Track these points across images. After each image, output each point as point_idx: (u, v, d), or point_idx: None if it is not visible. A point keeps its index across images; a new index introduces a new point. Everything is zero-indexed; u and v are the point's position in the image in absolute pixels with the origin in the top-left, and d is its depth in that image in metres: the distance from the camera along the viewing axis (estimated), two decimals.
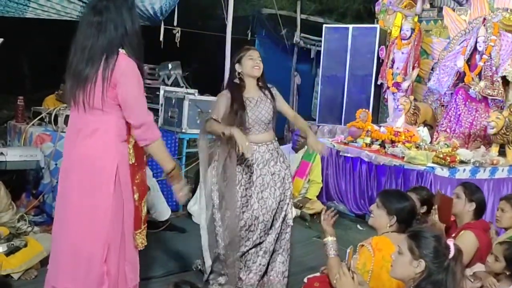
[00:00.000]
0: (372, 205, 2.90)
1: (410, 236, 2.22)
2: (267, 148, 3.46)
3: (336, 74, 7.82)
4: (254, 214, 3.38)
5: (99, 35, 2.33)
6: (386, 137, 5.83)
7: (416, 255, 2.14)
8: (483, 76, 6.18)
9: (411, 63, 6.98)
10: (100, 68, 2.32)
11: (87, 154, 2.41)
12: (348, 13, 10.90)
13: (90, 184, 2.41)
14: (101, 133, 2.41)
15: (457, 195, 3.38)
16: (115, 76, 2.32)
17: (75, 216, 2.43)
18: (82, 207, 2.42)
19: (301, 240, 4.59)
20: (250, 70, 3.39)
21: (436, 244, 2.14)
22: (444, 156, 5.03)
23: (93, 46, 2.33)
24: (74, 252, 2.44)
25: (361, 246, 2.66)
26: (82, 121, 2.44)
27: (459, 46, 6.74)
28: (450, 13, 7.18)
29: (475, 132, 6.19)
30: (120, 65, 2.32)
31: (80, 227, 2.42)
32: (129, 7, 2.41)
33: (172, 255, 4.01)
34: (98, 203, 2.42)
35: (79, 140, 2.43)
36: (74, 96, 2.39)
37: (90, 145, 2.41)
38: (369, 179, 5.63)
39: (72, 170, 2.46)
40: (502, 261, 2.84)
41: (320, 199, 5.96)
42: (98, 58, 2.32)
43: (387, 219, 2.75)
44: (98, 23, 2.33)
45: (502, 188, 5.31)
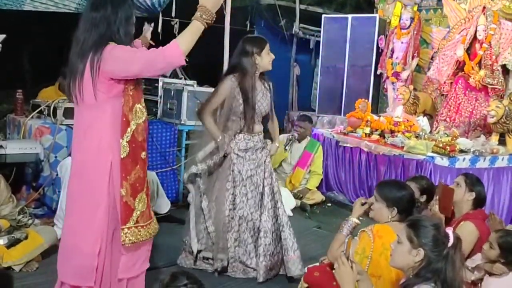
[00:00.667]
0: (370, 198, 2.88)
1: (408, 225, 2.22)
2: (259, 138, 3.63)
3: (335, 64, 7.82)
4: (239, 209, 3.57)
5: (92, 30, 2.35)
6: (385, 127, 5.84)
7: (415, 244, 2.14)
8: (483, 65, 6.17)
9: (410, 52, 6.96)
10: (88, 61, 2.33)
11: (82, 158, 2.46)
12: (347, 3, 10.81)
13: (87, 185, 2.45)
14: (96, 131, 2.42)
15: (457, 183, 3.39)
16: (103, 65, 2.31)
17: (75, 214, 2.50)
18: (81, 205, 2.47)
19: (301, 230, 4.59)
20: (268, 65, 3.51)
21: (435, 232, 2.14)
22: (444, 145, 5.03)
23: (86, 41, 2.35)
24: (72, 247, 2.48)
25: (362, 231, 2.66)
26: (79, 117, 2.48)
27: (459, 35, 6.72)
28: (449, 2, 7.14)
29: (475, 121, 6.18)
30: (105, 52, 2.32)
31: (77, 223, 2.48)
32: (125, 8, 2.42)
33: (172, 246, 4.01)
34: (94, 202, 2.44)
35: (77, 138, 2.51)
36: (70, 91, 2.43)
37: (86, 146, 2.44)
38: (368, 169, 5.64)
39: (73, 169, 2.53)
40: (496, 249, 2.85)
41: (320, 189, 5.97)
42: (88, 52, 2.33)
43: (387, 211, 2.75)
44: (93, 19, 2.36)
45: (502, 177, 5.32)
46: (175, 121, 5.27)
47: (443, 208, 3.25)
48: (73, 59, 2.38)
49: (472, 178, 3.43)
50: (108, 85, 2.37)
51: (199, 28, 2.41)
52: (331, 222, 5.21)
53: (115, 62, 2.32)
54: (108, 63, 2.31)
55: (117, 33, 2.38)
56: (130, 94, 2.43)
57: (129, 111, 2.44)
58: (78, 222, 2.46)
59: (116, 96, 2.41)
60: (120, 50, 2.35)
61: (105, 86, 2.37)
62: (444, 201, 3.25)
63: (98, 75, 2.32)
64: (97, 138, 2.42)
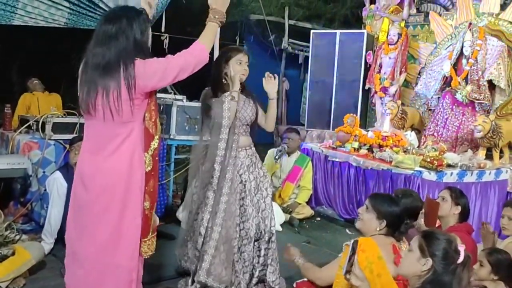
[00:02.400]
0: (361, 208, 2.90)
1: (422, 235, 2.26)
2: (246, 153, 3.40)
3: (324, 79, 7.88)
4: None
5: (111, 44, 2.37)
6: (374, 141, 5.88)
7: (425, 253, 2.17)
8: (469, 80, 6.24)
9: (398, 67, 7.04)
10: (121, 77, 2.33)
11: (115, 168, 2.42)
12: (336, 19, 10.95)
13: (118, 198, 2.42)
14: (127, 144, 2.42)
15: (443, 197, 3.43)
16: (139, 82, 2.35)
17: (102, 230, 2.43)
18: (111, 220, 2.43)
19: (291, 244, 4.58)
20: (236, 75, 3.27)
21: (447, 246, 2.17)
22: (432, 160, 5.06)
23: (106, 54, 2.36)
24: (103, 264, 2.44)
25: (346, 245, 2.67)
26: (105, 130, 2.43)
27: (446, 50, 6.81)
28: (436, 18, 7.27)
29: (462, 136, 6.24)
30: (137, 70, 2.35)
31: (108, 239, 2.43)
32: (140, 21, 2.46)
33: (161, 262, 3.99)
34: (128, 217, 2.44)
35: (105, 151, 2.42)
36: (91, 104, 2.38)
37: (117, 159, 2.42)
38: (357, 183, 5.66)
39: (94, 182, 2.44)
40: (487, 266, 2.89)
41: (309, 204, 5.97)
42: (115, 66, 2.34)
43: (376, 222, 2.78)
44: (110, 32, 2.39)
45: (489, 191, 5.36)
46: (164, 135, 5.27)
47: (428, 221, 3.27)
48: (95, 73, 2.36)
49: (456, 192, 3.48)
50: (141, 100, 2.41)
51: (215, 28, 2.66)
52: (320, 236, 5.21)
53: (153, 76, 2.37)
54: (145, 78, 2.36)
55: (136, 45, 2.41)
56: (152, 109, 2.49)
57: (153, 125, 2.50)
58: (110, 238, 2.43)
59: (144, 111, 2.47)
60: (153, 63, 2.40)
61: (139, 102, 2.40)
62: (429, 214, 3.28)
63: (135, 91, 2.35)
64: (129, 153, 2.42)
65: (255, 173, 3.42)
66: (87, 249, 2.44)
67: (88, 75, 2.39)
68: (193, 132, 5.40)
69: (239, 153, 3.34)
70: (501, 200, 5.45)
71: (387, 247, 2.68)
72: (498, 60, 6.15)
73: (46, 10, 5.75)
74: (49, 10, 5.77)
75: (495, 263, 2.88)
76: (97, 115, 2.39)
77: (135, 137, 2.43)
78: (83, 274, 2.46)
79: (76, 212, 2.52)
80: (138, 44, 2.42)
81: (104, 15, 2.53)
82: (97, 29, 2.44)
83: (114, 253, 2.43)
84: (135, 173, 2.45)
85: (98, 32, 2.42)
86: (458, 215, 3.39)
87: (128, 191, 2.44)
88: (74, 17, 5.96)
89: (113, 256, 2.43)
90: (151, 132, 2.49)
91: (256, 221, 3.38)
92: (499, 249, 3.11)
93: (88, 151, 2.49)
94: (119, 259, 2.44)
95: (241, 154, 3.35)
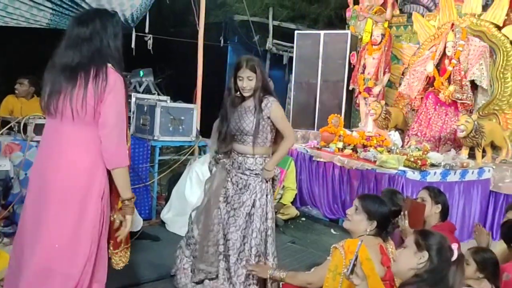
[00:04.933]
0: (350, 209, 2.89)
1: (418, 232, 2.32)
2: (244, 160, 3.42)
3: (308, 79, 7.89)
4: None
5: (83, 45, 2.33)
6: (358, 141, 5.91)
7: (422, 246, 2.22)
8: (452, 81, 6.30)
9: (382, 68, 7.07)
10: (90, 81, 2.29)
11: (78, 167, 2.35)
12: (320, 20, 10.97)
13: (77, 199, 2.34)
14: (93, 146, 2.36)
15: (422, 198, 3.45)
16: (106, 92, 2.31)
17: (54, 233, 2.32)
18: (65, 223, 2.33)
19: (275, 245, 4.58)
20: (241, 90, 3.34)
21: (442, 241, 2.23)
22: (415, 159, 5.10)
23: (77, 56, 2.32)
24: (48, 271, 2.32)
25: (334, 248, 2.67)
26: (68, 131, 2.36)
27: (429, 51, 6.87)
28: (419, 19, 7.33)
29: (445, 135, 6.30)
30: (110, 81, 2.31)
31: (58, 244, 2.32)
32: (113, 24, 2.43)
33: (146, 264, 3.97)
34: (83, 221, 2.34)
35: (67, 150, 2.35)
36: (54, 104, 2.33)
37: (82, 158, 2.35)
38: (342, 183, 5.67)
39: (55, 181, 2.35)
40: (472, 264, 2.92)
41: (294, 204, 5.98)
42: (86, 69, 2.31)
43: (367, 223, 2.78)
44: (83, 34, 2.35)
45: (472, 190, 5.41)
46: (148, 136, 5.24)
47: (414, 223, 3.27)
48: (63, 75, 2.32)
49: (434, 191, 3.51)
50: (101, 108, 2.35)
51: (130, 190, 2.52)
52: (305, 237, 5.22)
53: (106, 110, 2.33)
54: (104, 103, 2.31)
55: (109, 47, 2.38)
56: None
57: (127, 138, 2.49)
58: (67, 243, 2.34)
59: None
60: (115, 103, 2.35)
61: (99, 109, 2.34)
62: (415, 216, 3.28)
63: (99, 99, 2.31)
64: (95, 154, 2.36)
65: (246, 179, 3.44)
66: (37, 255, 2.32)
67: (53, 75, 2.35)
68: (177, 133, 5.38)
69: (238, 157, 3.43)
70: (484, 198, 5.51)
71: (375, 248, 2.69)
72: (480, 60, 6.22)
73: (28, 11, 5.70)
74: (31, 11, 5.73)
75: (481, 261, 2.92)
76: (58, 115, 2.35)
77: (98, 141, 2.36)
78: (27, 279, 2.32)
79: (29, 216, 2.41)
80: (110, 48, 2.39)
81: (77, 17, 2.48)
82: (69, 30, 2.40)
83: (66, 262, 2.32)
84: (96, 178, 2.38)
85: (70, 34, 2.38)
86: (439, 214, 3.42)
87: (88, 195, 2.35)
88: (56, 18, 5.92)
89: (65, 264, 2.33)
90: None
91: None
92: (484, 248, 3.16)
93: (45, 151, 2.43)
94: (69, 268, 2.33)
95: (239, 159, 3.43)
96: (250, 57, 3.41)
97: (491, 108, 6.41)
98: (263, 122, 3.33)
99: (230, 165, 3.48)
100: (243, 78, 3.30)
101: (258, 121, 3.32)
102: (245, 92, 3.33)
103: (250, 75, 3.29)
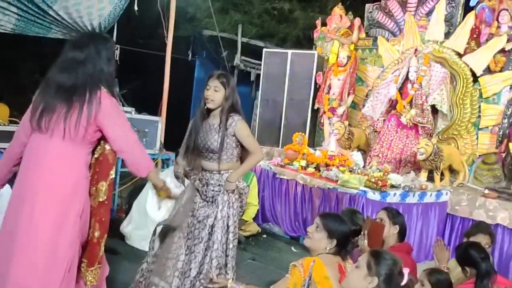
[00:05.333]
0: (310, 227, 2.91)
1: (371, 253, 2.31)
2: (211, 177, 3.42)
3: (274, 97, 7.96)
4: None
5: (78, 69, 2.45)
6: (321, 160, 5.97)
7: (372, 271, 2.22)
8: (414, 104, 6.44)
9: (346, 89, 7.19)
10: (85, 103, 2.41)
11: (64, 180, 2.44)
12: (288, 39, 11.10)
13: (57, 211, 2.40)
14: (78, 163, 2.48)
15: (381, 219, 3.52)
16: (100, 117, 2.44)
17: (30, 252, 2.35)
18: (42, 241, 2.37)
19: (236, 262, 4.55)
20: (206, 101, 3.33)
21: (393, 267, 2.23)
22: (376, 180, 5.17)
23: (72, 79, 2.43)
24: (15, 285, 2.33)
25: (293, 266, 2.69)
26: (57, 147, 2.44)
27: (392, 74, 7.02)
28: (384, 43, 7.50)
29: (406, 158, 6.41)
30: (104, 106, 2.44)
31: (34, 264, 2.35)
32: (107, 49, 2.54)
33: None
34: (61, 241, 2.40)
35: (53, 164, 2.43)
36: (46, 122, 2.42)
37: (68, 173, 2.45)
38: (304, 201, 5.70)
39: (36, 200, 2.39)
40: (427, 285, 2.97)
41: (256, 220, 5.98)
42: (80, 90, 2.42)
43: (327, 241, 2.79)
44: (79, 58, 2.47)
45: (430, 212, 5.51)
46: None
47: (372, 243, 3.32)
48: (56, 96, 2.42)
49: (392, 212, 3.58)
50: (95, 129, 2.48)
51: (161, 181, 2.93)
52: (266, 254, 5.23)
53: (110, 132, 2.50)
54: (104, 127, 2.47)
55: (102, 72, 2.48)
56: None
57: (113, 154, 2.60)
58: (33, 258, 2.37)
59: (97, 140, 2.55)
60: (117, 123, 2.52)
61: (93, 130, 2.47)
62: (374, 237, 3.32)
63: (92, 122, 2.44)
64: (77, 173, 2.49)
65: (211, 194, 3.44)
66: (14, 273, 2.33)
67: (47, 94, 2.43)
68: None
69: (204, 175, 3.44)
70: (441, 221, 5.63)
71: (333, 266, 2.71)
72: (441, 86, 6.39)
73: None
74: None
75: (435, 283, 2.98)
76: (48, 132, 2.42)
77: (83, 163, 2.49)
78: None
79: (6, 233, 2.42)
80: (104, 72, 2.49)
81: (72, 41, 2.58)
82: (64, 54, 2.50)
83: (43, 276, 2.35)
84: (77, 194, 2.45)
85: (65, 56, 2.49)
86: (397, 235, 3.49)
87: (68, 211, 2.41)
88: (22, 24, 5.81)
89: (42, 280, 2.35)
90: (110, 162, 2.57)
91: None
92: (439, 270, 3.22)
93: (31, 163, 2.47)
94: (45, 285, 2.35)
95: (205, 176, 3.44)
96: (225, 73, 3.46)
97: (450, 132, 6.57)
98: (228, 139, 3.34)
99: (198, 181, 3.47)
100: (210, 88, 3.32)
101: (222, 139, 3.32)
102: (209, 103, 3.31)
103: (217, 86, 3.31)
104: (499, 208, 5.21)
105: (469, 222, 5.42)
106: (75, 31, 6.39)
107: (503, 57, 6.28)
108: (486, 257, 3.17)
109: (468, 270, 3.21)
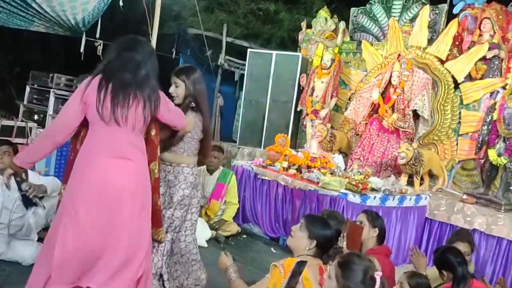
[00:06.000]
0: (295, 226, 2.95)
1: (339, 264, 2.30)
2: (172, 170, 3.45)
3: (258, 98, 7.96)
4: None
5: (137, 69, 2.79)
6: (302, 162, 5.98)
7: (341, 285, 2.22)
8: (395, 109, 6.49)
9: (329, 92, 7.22)
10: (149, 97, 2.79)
11: (140, 169, 2.84)
12: (273, 40, 11.13)
13: (139, 200, 2.80)
14: (144, 152, 2.88)
15: (361, 221, 3.54)
16: (160, 109, 2.87)
17: (132, 231, 2.75)
18: (137, 221, 2.79)
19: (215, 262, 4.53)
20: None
21: (363, 277, 2.22)
22: (357, 183, 5.20)
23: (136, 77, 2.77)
24: (124, 262, 2.72)
25: (274, 266, 2.69)
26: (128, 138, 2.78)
27: (375, 79, 7.07)
28: (368, 47, 7.55)
29: (387, 161, 6.46)
30: (162, 98, 2.90)
31: (134, 242, 2.76)
32: (153, 51, 2.96)
33: None
34: (146, 216, 2.88)
35: (129, 153, 2.78)
36: (120, 115, 2.71)
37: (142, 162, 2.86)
38: (284, 202, 5.72)
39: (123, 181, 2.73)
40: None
41: (236, 220, 5.97)
42: (144, 87, 2.78)
43: (307, 241, 2.82)
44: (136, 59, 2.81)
45: (409, 216, 5.56)
46: None
47: (351, 245, 3.34)
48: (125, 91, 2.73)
49: (372, 215, 3.60)
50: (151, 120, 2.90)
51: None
52: (246, 254, 5.22)
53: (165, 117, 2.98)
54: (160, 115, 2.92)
55: (155, 71, 2.89)
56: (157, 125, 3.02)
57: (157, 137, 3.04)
58: (139, 237, 2.80)
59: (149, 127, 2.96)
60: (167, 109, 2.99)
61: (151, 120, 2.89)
62: (353, 239, 3.34)
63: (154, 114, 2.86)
64: (145, 161, 2.89)
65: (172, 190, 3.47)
66: (122, 251, 2.71)
67: (114, 89, 2.71)
68: None
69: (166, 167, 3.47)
70: (419, 225, 5.68)
71: (314, 268, 2.71)
72: (423, 91, 6.45)
73: None
74: None
75: (415, 285, 3.01)
76: (122, 124, 2.72)
77: (144, 147, 2.89)
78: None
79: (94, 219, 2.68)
80: (156, 70, 2.89)
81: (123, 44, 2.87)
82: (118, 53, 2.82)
83: (137, 252, 2.76)
84: (149, 179, 2.90)
85: (120, 56, 2.81)
86: (376, 237, 3.51)
87: (146, 194, 2.87)
88: (4, 16, 5.73)
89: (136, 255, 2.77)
90: (156, 144, 3.00)
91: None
92: (419, 273, 3.25)
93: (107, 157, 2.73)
94: (139, 259, 2.78)
95: (167, 168, 3.47)
96: (185, 67, 3.57)
97: (431, 138, 6.63)
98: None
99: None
100: (172, 84, 3.43)
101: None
102: (174, 99, 3.39)
103: (176, 82, 3.41)
104: (477, 213, 5.27)
105: (447, 227, 5.49)
106: (58, 25, 6.33)
107: (484, 65, 6.36)
108: (463, 261, 3.20)
109: (445, 274, 3.25)
